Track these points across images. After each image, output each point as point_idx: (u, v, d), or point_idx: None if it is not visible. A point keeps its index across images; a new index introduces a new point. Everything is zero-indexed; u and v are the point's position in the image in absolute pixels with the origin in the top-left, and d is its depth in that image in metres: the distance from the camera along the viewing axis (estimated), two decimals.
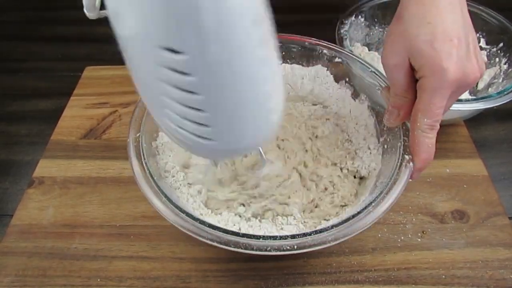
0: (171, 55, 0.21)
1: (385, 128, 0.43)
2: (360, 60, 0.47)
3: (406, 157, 0.37)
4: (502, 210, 0.48)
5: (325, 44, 0.49)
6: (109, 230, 0.47)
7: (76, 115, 0.60)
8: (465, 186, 0.50)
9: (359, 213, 0.34)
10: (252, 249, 0.32)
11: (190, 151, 0.33)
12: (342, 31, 0.57)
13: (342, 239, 0.32)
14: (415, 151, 0.35)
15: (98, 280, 0.43)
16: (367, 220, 0.33)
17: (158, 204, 0.35)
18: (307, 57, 0.51)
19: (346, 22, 0.59)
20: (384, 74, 0.38)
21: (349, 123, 0.50)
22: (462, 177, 0.51)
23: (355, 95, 0.50)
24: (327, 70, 0.51)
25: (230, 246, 0.32)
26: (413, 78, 0.35)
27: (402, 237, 0.46)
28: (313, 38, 0.50)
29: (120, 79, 0.65)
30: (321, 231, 0.33)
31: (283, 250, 0.32)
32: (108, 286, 0.42)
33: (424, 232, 0.46)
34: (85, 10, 0.29)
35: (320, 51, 0.50)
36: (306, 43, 0.49)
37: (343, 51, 0.49)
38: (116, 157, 0.54)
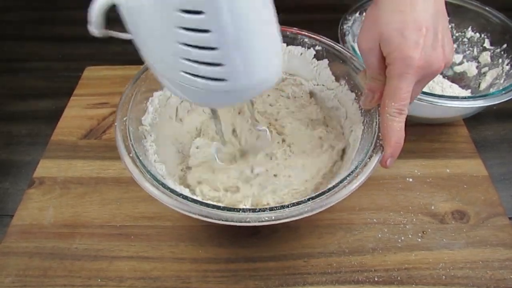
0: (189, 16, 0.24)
1: (363, 110, 0.44)
2: (338, 45, 0.49)
3: (380, 134, 0.38)
4: (502, 211, 0.48)
5: (306, 33, 0.50)
6: (110, 230, 0.47)
7: (76, 115, 0.60)
8: (465, 186, 0.50)
9: (334, 187, 0.36)
10: (233, 221, 0.33)
11: (202, 102, 0.35)
12: (344, 26, 0.57)
13: (318, 210, 0.34)
14: (385, 135, 0.36)
15: (99, 280, 0.43)
16: (342, 194, 0.35)
17: (140, 179, 0.37)
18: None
19: (350, 18, 0.59)
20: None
21: (330, 103, 0.52)
22: (462, 177, 0.51)
23: (337, 79, 0.51)
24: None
25: (212, 219, 0.34)
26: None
27: (402, 237, 0.46)
28: (294, 28, 0.50)
29: (120, 79, 0.65)
30: (298, 203, 0.34)
31: (262, 221, 0.34)
32: (108, 286, 0.42)
33: (424, 232, 0.46)
34: (92, 28, 0.31)
35: (301, 39, 0.51)
36: (288, 33, 0.51)
37: (323, 39, 0.50)
38: (117, 157, 0.52)
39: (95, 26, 0.31)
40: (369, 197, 0.49)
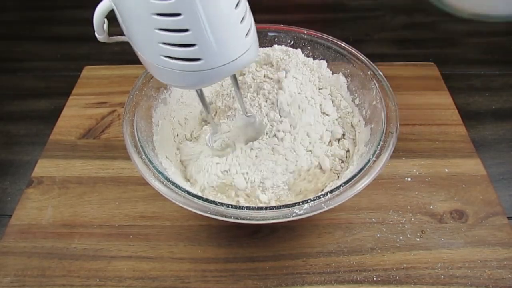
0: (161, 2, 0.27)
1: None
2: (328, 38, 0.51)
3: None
4: (501, 210, 0.48)
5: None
6: (108, 230, 0.47)
7: (75, 115, 0.60)
8: (464, 186, 0.50)
9: (339, 187, 0.37)
10: (252, 219, 0.34)
11: (182, 85, 0.36)
12: None
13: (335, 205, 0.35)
14: None
15: (97, 280, 0.43)
16: (344, 197, 0.35)
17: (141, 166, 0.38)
18: None
19: None
20: None
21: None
22: (461, 176, 0.51)
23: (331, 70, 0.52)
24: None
25: (219, 216, 0.34)
26: None
27: (401, 237, 0.46)
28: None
29: (119, 79, 0.65)
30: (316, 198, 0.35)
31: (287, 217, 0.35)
32: (107, 286, 0.42)
33: (423, 232, 0.46)
34: (96, 34, 0.34)
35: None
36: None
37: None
38: (115, 156, 0.54)
39: (98, 32, 0.33)
40: (368, 197, 0.49)
